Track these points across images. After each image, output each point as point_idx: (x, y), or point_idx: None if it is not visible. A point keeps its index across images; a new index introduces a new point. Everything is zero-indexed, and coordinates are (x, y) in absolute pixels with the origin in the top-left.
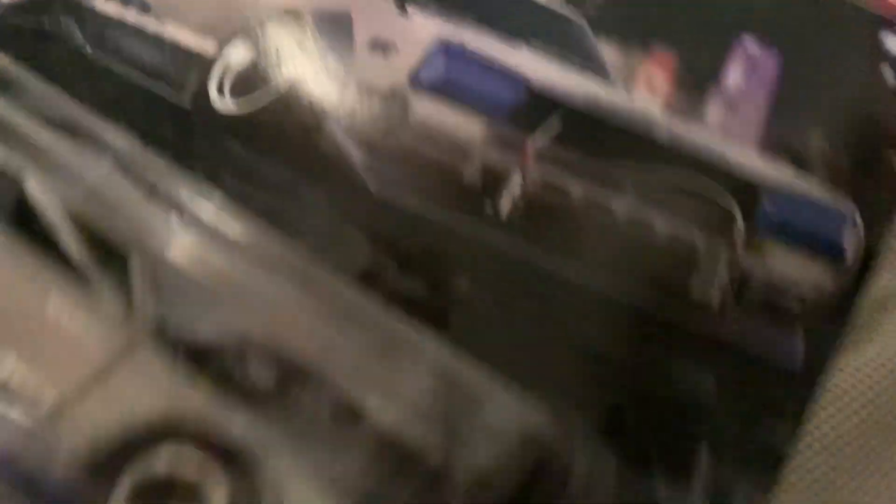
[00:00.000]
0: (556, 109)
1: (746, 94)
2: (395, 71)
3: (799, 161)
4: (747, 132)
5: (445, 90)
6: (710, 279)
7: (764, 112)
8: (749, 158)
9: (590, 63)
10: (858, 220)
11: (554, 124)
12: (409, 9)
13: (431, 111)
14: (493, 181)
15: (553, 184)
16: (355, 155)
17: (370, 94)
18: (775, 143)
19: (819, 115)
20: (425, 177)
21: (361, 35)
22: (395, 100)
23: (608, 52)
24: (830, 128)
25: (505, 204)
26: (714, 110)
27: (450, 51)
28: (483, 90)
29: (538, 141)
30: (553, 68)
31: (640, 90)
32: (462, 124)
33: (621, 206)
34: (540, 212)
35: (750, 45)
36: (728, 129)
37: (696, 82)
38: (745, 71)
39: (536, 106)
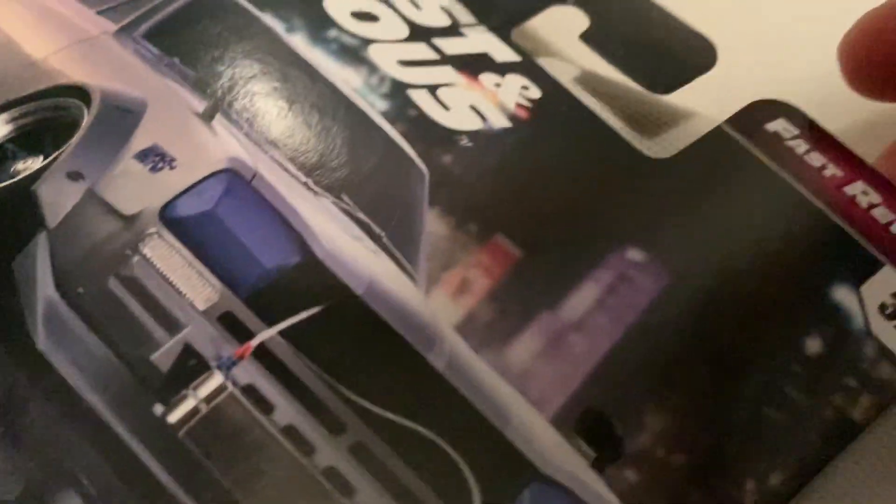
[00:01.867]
0: (317, 296)
1: (587, 333)
2: (154, 192)
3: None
4: (558, 389)
5: (201, 231)
6: None
7: (597, 363)
8: (535, 430)
9: (400, 235)
10: None
11: (305, 316)
12: (218, 124)
13: (163, 255)
14: (184, 373)
15: (259, 398)
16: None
17: (108, 214)
18: (585, 418)
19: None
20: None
21: (142, 138)
22: (130, 229)
23: (434, 222)
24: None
25: (184, 408)
26: (530, 342)
27: (232, 182)
28: (247, 244)
29: (272, 334)
30: (345, 236)
31: (445, 290)
32: (192, 285)
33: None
34: (222, 429)
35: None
36: (534, 374)
37: (526, 296)
38: (601, 300)
39: (297, 286)
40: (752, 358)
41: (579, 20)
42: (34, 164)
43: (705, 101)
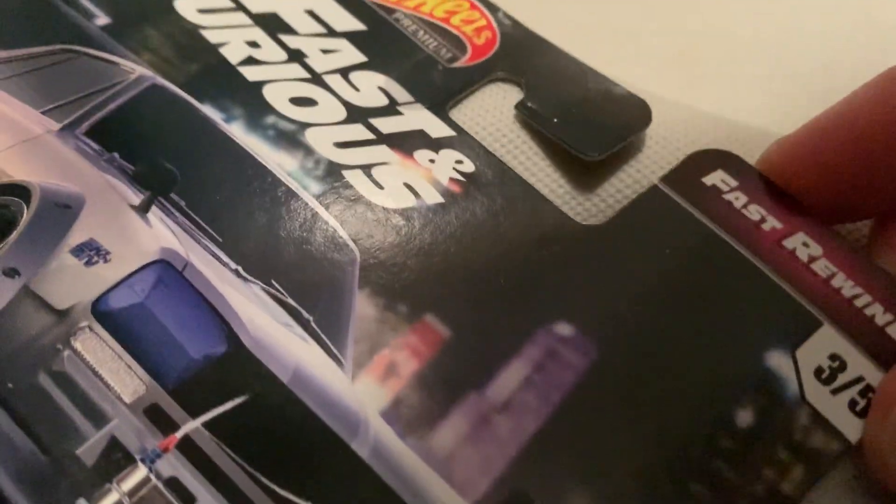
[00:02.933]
0: (243, 386)
1: (513, 414)
2: (88, 286)
3: None
4: (482, 473)
5: (132, 323)
6: None
7: (522, 445)
8: None
9: (328, 319)
10: None
11: (229, 406)
12: (153, 216)
13: (93, 349)
14: (109, 466)
15: (182, 490)
16: None
17: (41, 309)
18: (509, 501)
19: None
20: (34, 433)
21: (78, 233)
22: (62, 323)
23: (364, 304)
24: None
25: (107, 502)
26: (455, 426)
27: (164, 273)
28: (175, 334)
29: (196, 426)
30: (273, 322)
31: (372, 374)
32: (120, 378)
33: None
34: None
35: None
36: (458, 459)
37: (454, 377)
38: (528, 378)
39: (223, 375)
40: (681, 434)
41: (514, 91)
42: None
43: (642, 161)
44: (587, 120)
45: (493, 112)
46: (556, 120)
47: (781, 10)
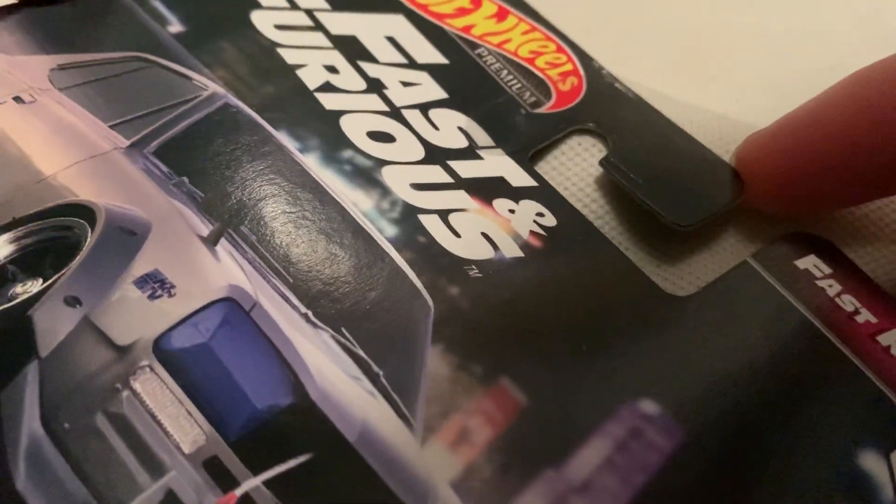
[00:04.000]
0: (307, 443)
1: (592, 498)
2: (150, 322)
3: None
4: None
5: (194, 366)
6: None
7: None
8: None
9: (399, 375)
10: None
11: (293, 465)
12: (222, 249)
13: (153, 391)
14: None
15: None
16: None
17: (101, 344)
18: None
19: None
20: (89, 480)
21: (143, 262)
22: (122, 360)
23: (436, 361)
24: None
25: None
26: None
27: (230, 313)
28: (239, 381)
29: (257, 484)
30: (341, 374)
31: (443, 440)
32: (180, 425)
33: None
34: None
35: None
36: None
37: (530, 451)
38: (610, 459)
39: (287, 430)
40: None
41: (599, 144)
42: (33, 286)
43: (733, 234)
44: (677, 185)
45: (578, 164)
46: (642, 181)
47: (788, 9)
